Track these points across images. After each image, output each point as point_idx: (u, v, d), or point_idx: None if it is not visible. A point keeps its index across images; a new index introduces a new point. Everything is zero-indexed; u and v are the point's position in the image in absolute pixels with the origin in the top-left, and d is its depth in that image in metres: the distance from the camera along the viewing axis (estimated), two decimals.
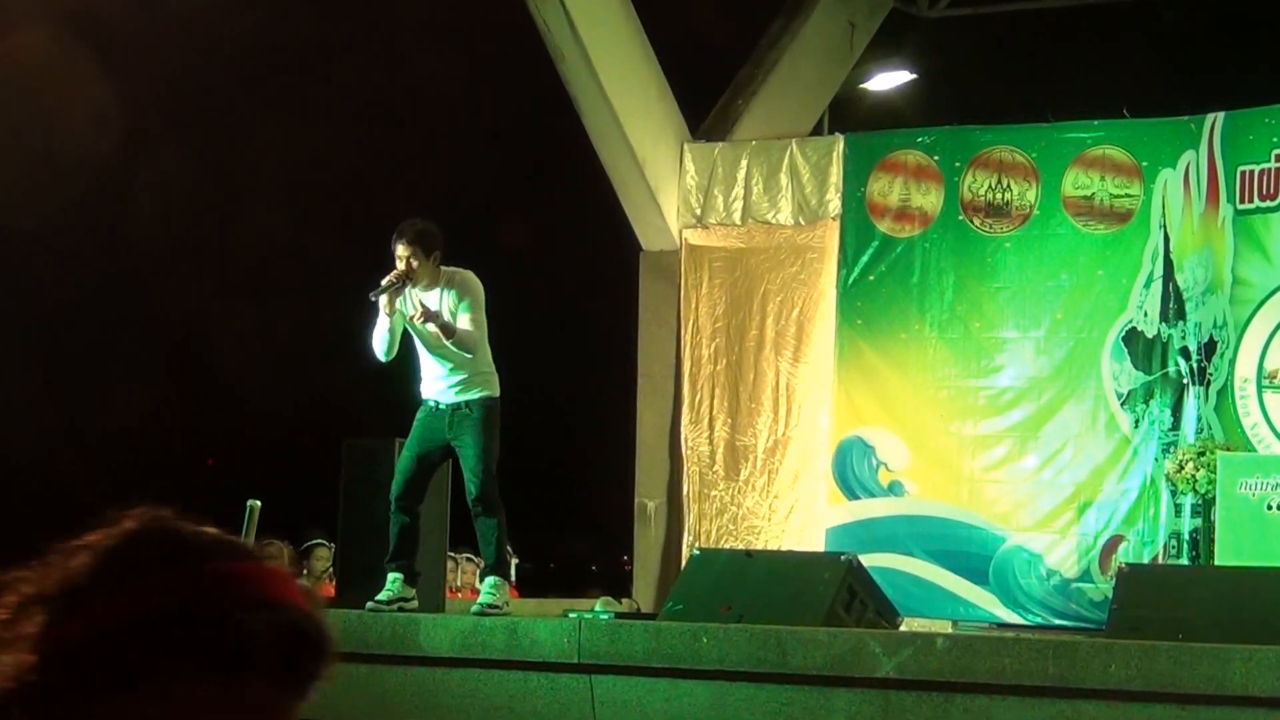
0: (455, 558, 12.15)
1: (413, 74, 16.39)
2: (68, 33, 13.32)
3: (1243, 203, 11.29)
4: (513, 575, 12.05)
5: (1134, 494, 11.50)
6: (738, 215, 12.80)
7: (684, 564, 11.10)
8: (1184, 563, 11.03)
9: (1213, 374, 11.31)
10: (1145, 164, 11.69)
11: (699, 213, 12.89)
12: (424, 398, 9.15)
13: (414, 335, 9.09)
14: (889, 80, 15.40)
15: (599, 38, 12.13)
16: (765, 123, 13.16)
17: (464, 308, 8.94)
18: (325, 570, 12.18)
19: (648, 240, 13.07)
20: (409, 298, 8.98)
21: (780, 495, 12.51)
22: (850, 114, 14.44)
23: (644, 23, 12.64)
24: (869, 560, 9.59)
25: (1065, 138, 11.99)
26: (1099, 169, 11.83)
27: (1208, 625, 7.72)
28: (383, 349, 8.97)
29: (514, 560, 12.52)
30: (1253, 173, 11.29)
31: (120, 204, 16.48)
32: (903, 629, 9.24)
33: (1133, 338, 11.62)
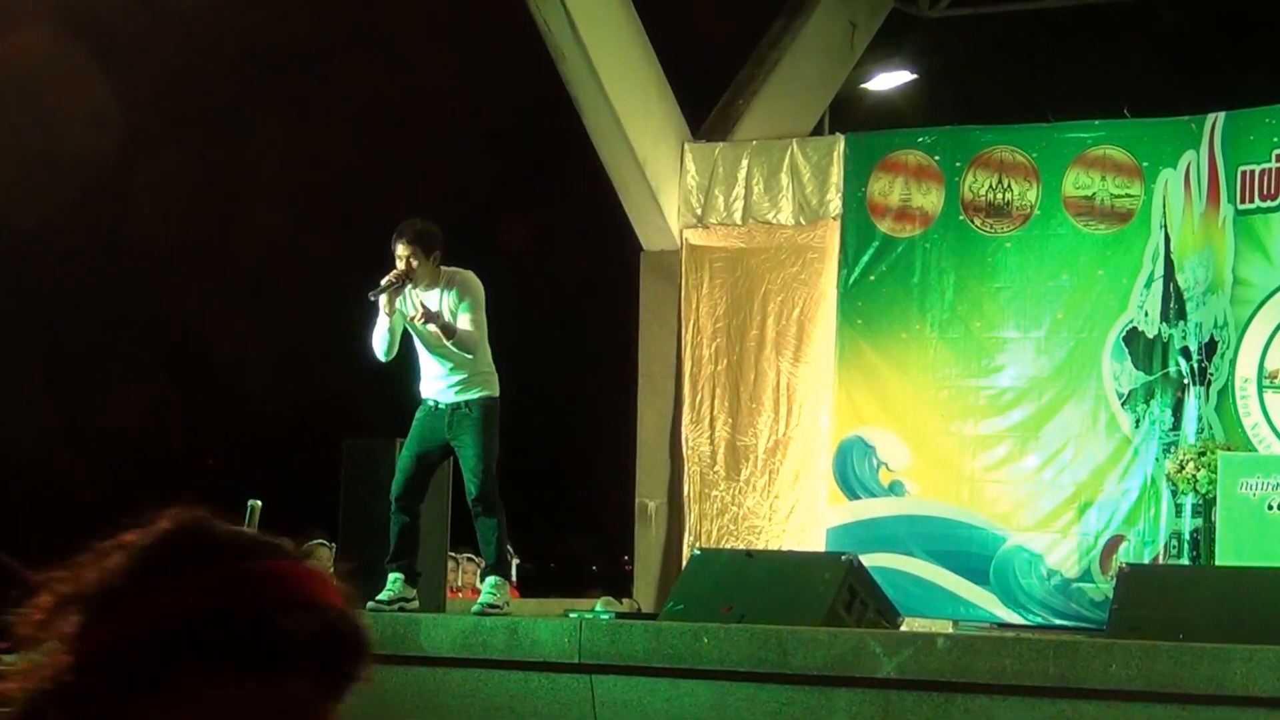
0: (456, 558, 12.14)
1: (413, 74, 16.38)
2: (67, 33, 13.31)
3: (1243, 203, 11.28)
4: (513, 575, 12.04)
5: (1135, 494, 11.49)
6: (738, 215, 12.79)
7: (685, 564, 11.09)
8: (1185, 563, 11.02)
9: (1213, 374, 11.31)
10: (1146, 164, 11.69)
11: (700, 213, 12.89)
12: (423, 397, 9.14)
13: (414, 335, 9.08)
14: (890, 80, 15.40)
15: (599, 37, 12.12)
16: (766, 122, 13.16)
17: (464, 308, 8.93)
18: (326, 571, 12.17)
19: (648, 240, 13.07)
20: (409, 298, 8.97)
21: (781, 495, 12.51)
22: (851, 114, 14.44)
23: (645, 23, 12.63)
24: (869, 560, 9.59)
25: (1066, 138, 11.99)
26: (1100, 169, 11.82)
27: (1208, 625, 7.72)
28: (382, 349, 8.96)
29: (515, 560, 12.51)
30: (1253, 173, 11.28)
31: (120, 204, 16.46)
32: (903, 629, 9.23)
33: (1133, 338, 11.62)
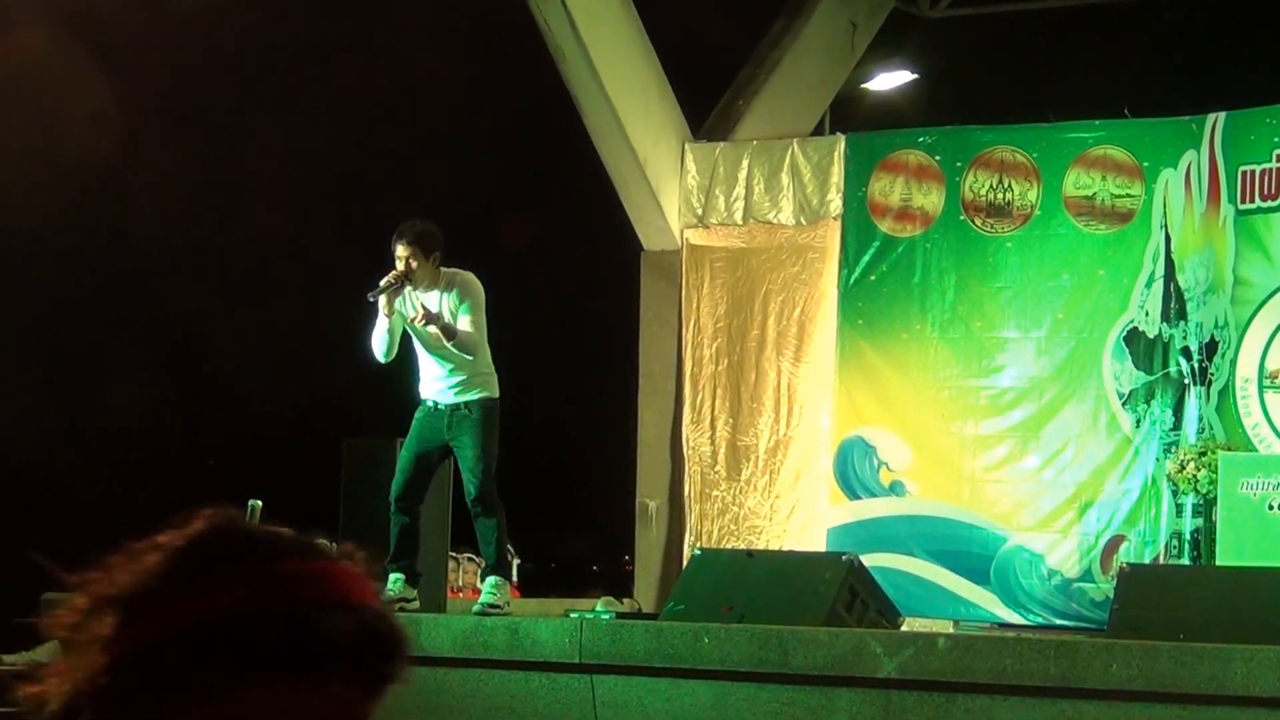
0: (457, 558, 12.14)
1: (413, 74, 16.37)
2: (67, 33, 13.30)
3: (1244, 202, 11.28)
4: (514, 575, 12.05)
5: (1135, 494, 11.48)
6: (739, 215, 12.79)
7: (685, 564, 11.09)
8: (1185, 563, 11.02)
9: (1214, 374, 11.30)
10: (1146, 164, 11.68)
11: (700, 212, 12.88)
12: (423, 398, 9.14)
13: (413, 336, 9.08)
14: (890, 80, 15.40)
15: (600, 37, 12.12)
16: (766, 122, 13.15)
17: (464, 309, 8.93)
18: None
19: (649, 240, 13.06)
20: (409, 299, 8.97)
21: (782, 495, 12.50)
22: (851, 114, 14.44)
23: (645, 22, 12.63)
24: (870, 560, 9.59)
25: (1066, 138, 11.98)
26: (1100, 169, 11.81)
27: (1209, 625, 7.72)
28: (381, 350, 8.96)
29: (515, 560, 12.52)
30: (1254, 172, 11.28)
31: (120, 204, 16.46)
32: (904, 629, 9.23)
33: (1134, 338, 11.61)
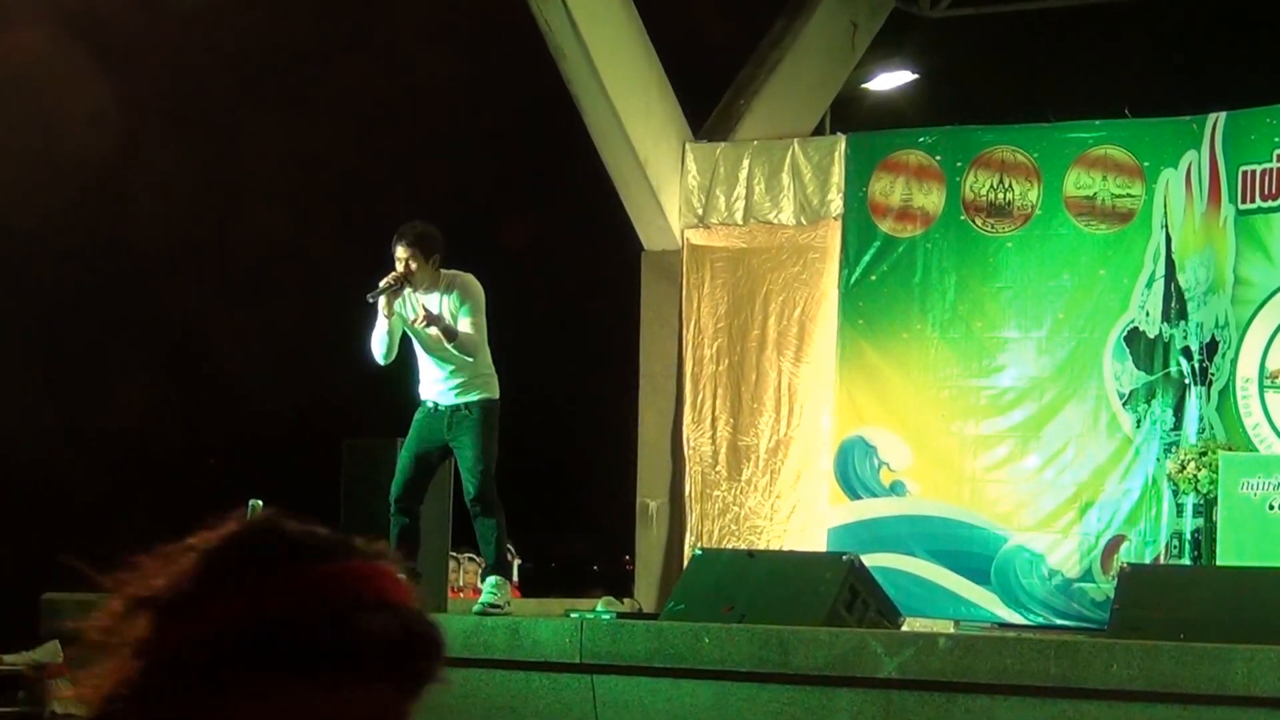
0: (457, 558, 12.14)
1: (413, 74, 16.36)
2: (67, 32, 13.29)
3: (1244, 202, 11.28)
4: (515, 575, 12.05)
5: (1136, 494, 11.48)
6: (739, 215, 12.78)
7: (686, 564, 11.09)
8: (1186, 563, 11.02)
9: (1214, 374, 11.30)
10: (1147, 164, 11.68)
11: (701, 212, 12.88)
12: (423, 399, 9.14)
13: (413, 338, 9.07)
14: (891, 80, 15.39)
15: (600, 37, 12.12)
16: (767, 122, 13.15)
17: (465, 311, 8.93)
18: None
19: (649, 240, 13.06)
20: (408, 301, 8.97)
21: (782, 495, 12.50)
22: (852, 114, 14.43)
23: (646, 22, 12.62)
24: (871, 560, 9.59)
25: (1067, 138, 11.98)
26: (1101, 169, 11.81)
27: (1209, 625, 7.72)
28: (381, 352, 8.95)
29: (516, 560, 12.51)
30: (1254, 172, 11.28)
31: (120, 204, 16.44)
32: (905, 629, 9.23)
33: (1134, 338, 11.61)
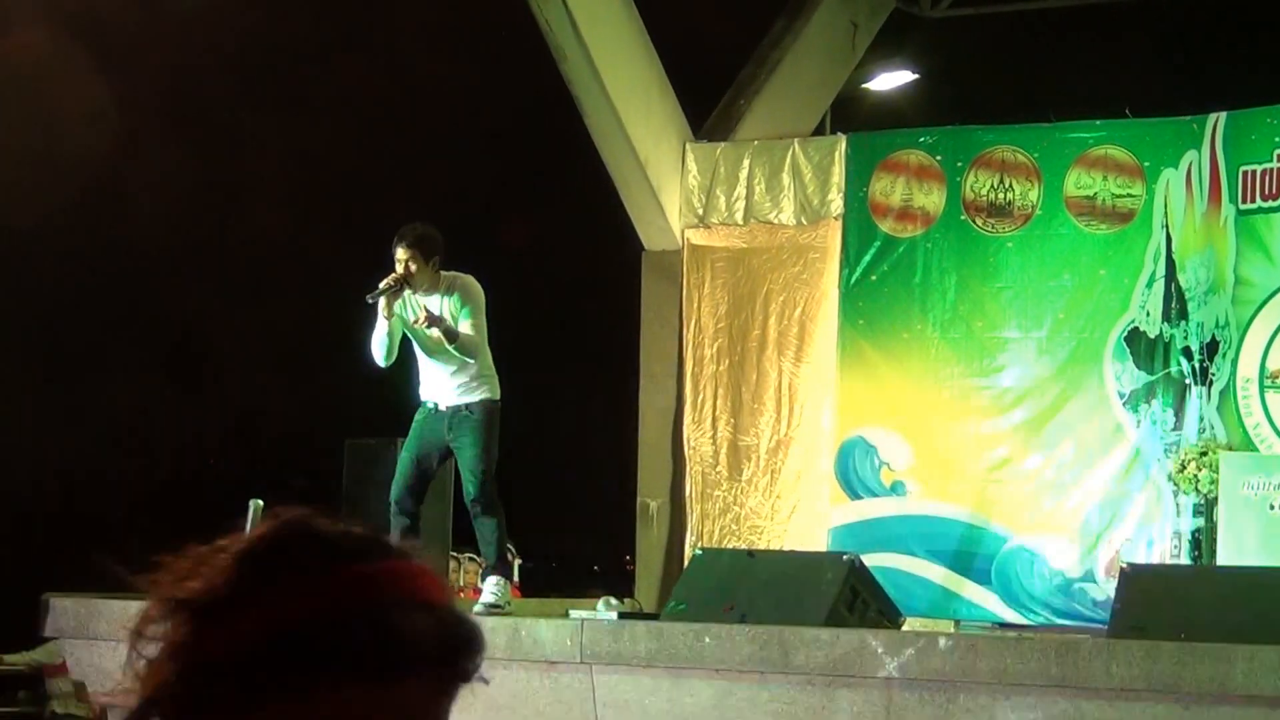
0: (458, 558, 12.14)
1: (413, 74, 16.36)
2: (67, 32, 13.29)
3: (1245, 202, 11.28)
4: (515, 575, 12.04)
5: (1136, 494, 11.48)
6: (740, 215, 12.78)
7: (686, 564, 11.09)
8: (1186, 563, 11.01)
9: (1215, 374, 11.30)
10: (1147, 164, 11.68)
11: (701, 212, 12.88)
12: (423, 400, 9.14)
13: (413, 340, 9.07)
14: (891, 80, 15.39)
15: (601, 37, 12.12)
16: (767, 122, 13.15)
17: (465, 313, 8.93)
18: None
19: (650, 240, 13.06)
20: (409, 303, 8.96)
21: (783, 495, 12.50)
22: (852, 114, 14.43)
23: (646, 22, 12.62)
24: (871, 560, 9.59)
25: (1067, 138, 11.98)
26: (1101, 169, 11.81)
27: (1210, 625, 7.71)
28: (381, 354, 8.95)
29: (516, 560, 12.51)
30: (1255, 172, 11.28)
31: (120, 204, 16.44)
32: (905, 629, 9.22)
33: (1135, 338, 11.61)
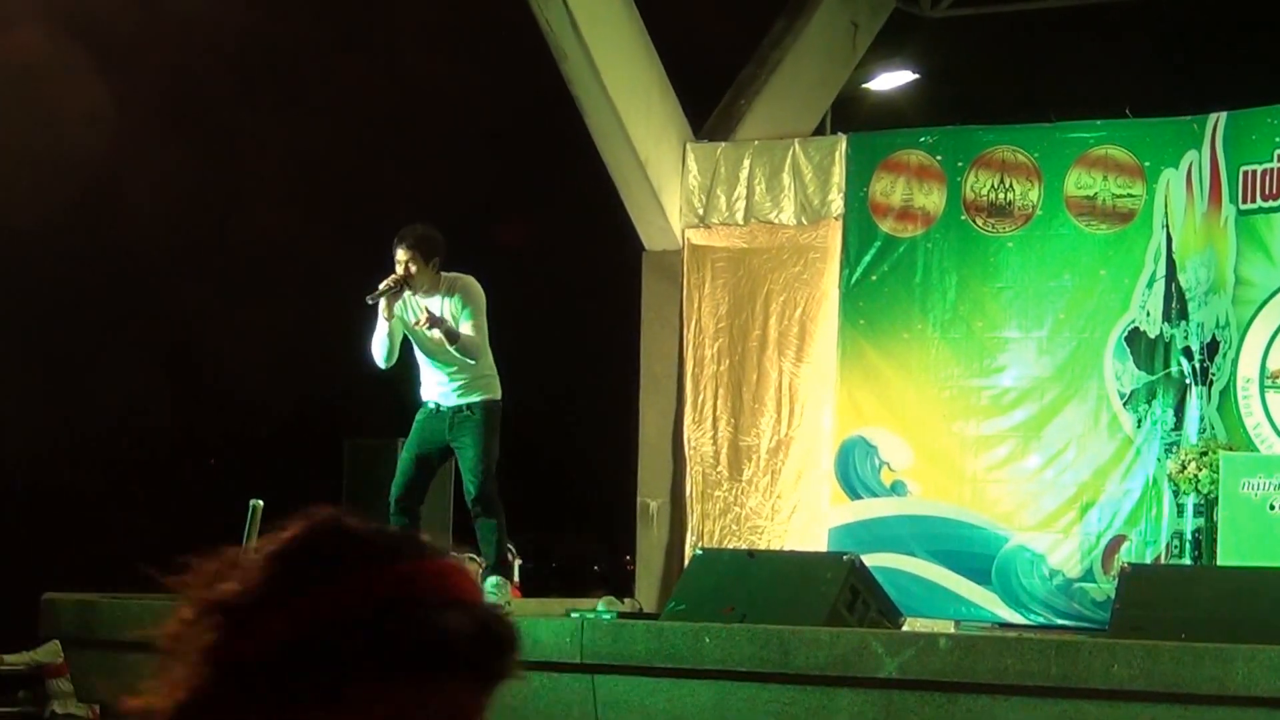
0: (458, 558, 12.13)
1: (413, 74, 16.35)
2: (66, 32, 13.29)
3: (1245, 203, 11.27)
4: (515, 575, 12.03)
5: (1136, 494, 11.48)
6: (740, 215, 12.78)
7: (687, 564, 11.08)
8: (1186, 563, 11.01)
9: (1215, 374, 11.29)
10: (1148, 164, 11.67)
11: (701, 212, 12.87)
12: (424, 400, 9.13)
13: (413, 341, 9.07)
14: (891, 80, 15.38)
15: (601, 37, 12.11)
16: (768, 122, 13.14)
17: (466, 315, 8.93)
18: None
19: (650, 240, 13.05)
20: (409, 304, 8.96)
21: (783, 495, 12.49)
22: (853, 114, 14.42)
23: (646, 22, 12.62)
24: (871, 560, 9.59)
25: (1067, 138, 11.97)
26: (1101, 169, 11.81)
27: (1210, 625, 7.71)
28: (382, 355, 8.94)
29: (516, 560, 12.50)
30: (1255, 172, 11.27)
31: (120, 204, 16.43)
32: (905, 629, 9.23)
33: (1135, 338, 11.60)
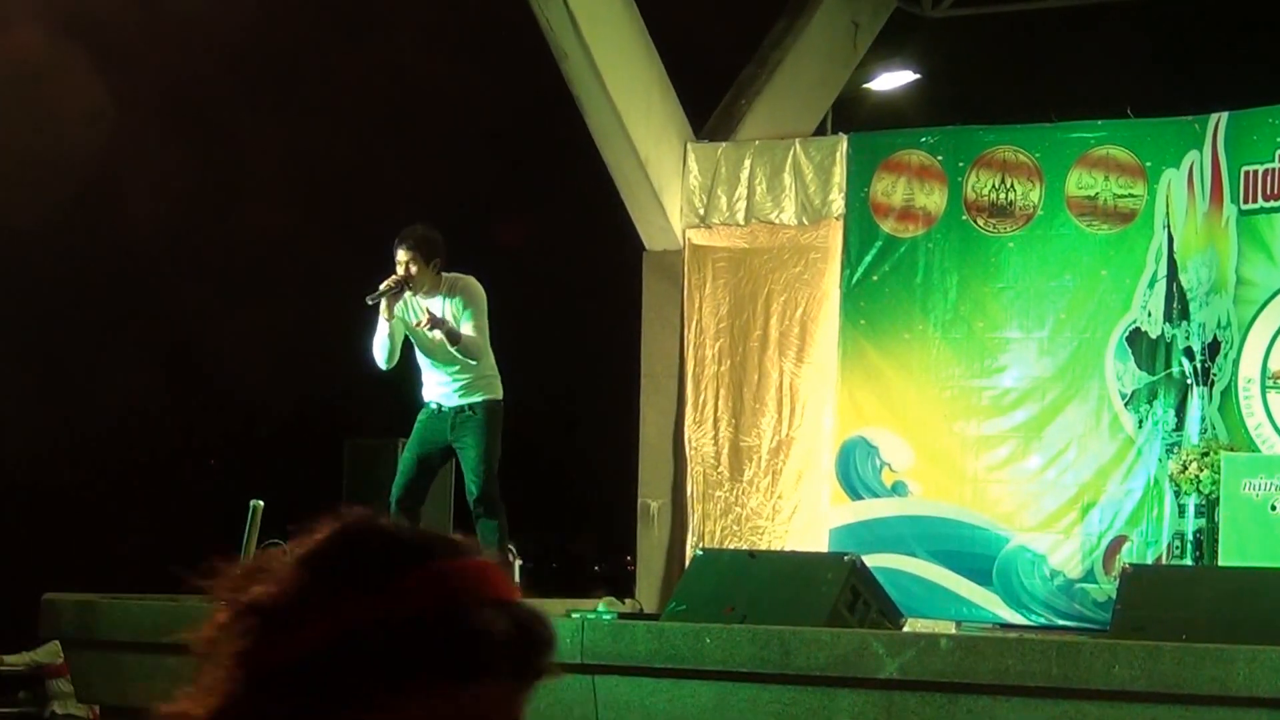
0: None
1: (413, 74, 16.36)
2: (66, 32, 13.29)
3: (1246, 203, 11.26)
4: (516, 575, 12.03)
5: (1138, 494, 11.47)
6: (741, 215, 12.77)
7: (687, 564, 11.07)
8: (1188, 563, 11.00)
9: (1216, 374, 11.29)
10: (1149, 164, 11.67)
11: (702, 213, 12.86)
12: (426, 400, 9.12)
13: (414, 341, 9.06)
14: (892, 80, 15.37)
15: (602, 37, 12.10)
16: (769, 122, 13.14)
17: (467, 315, 8.92)
18: None
19: (651, 240, 13.05)
20: (410, 305, 8.94)
21: (784, 496, 12.49)
22: (854, 114, 14.41)
23: (647, 22, 12.61)
24: (872, 561, 9.57)
25: (1069, 138, 11.97)
26: (1102, 169, 11.80)
27: (1211, 626, 7.70)
28: (383, 356, 8.93)
29: (517, 561, 12.50)
30: (1256, 173, 11.27)
31: (119, 204, 16.44)
32: (906, 630, 9.21)
33: (1136, 338, 11.60)
